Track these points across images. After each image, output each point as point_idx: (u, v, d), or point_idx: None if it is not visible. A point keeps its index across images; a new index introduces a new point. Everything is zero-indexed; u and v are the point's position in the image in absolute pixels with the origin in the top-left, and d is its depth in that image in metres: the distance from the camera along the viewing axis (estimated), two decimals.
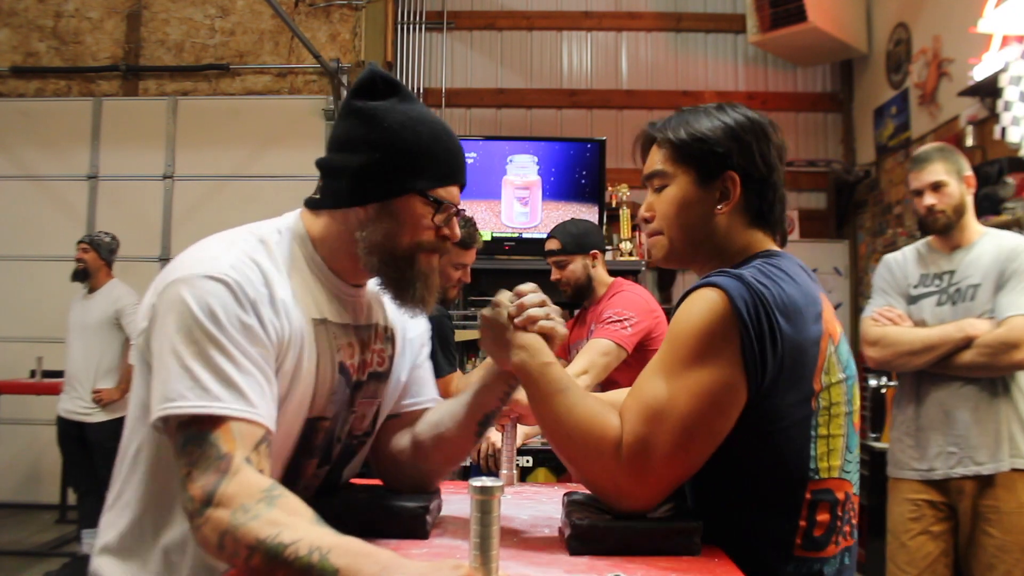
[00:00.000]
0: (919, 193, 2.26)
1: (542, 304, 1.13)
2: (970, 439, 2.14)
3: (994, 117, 3.45)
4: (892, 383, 3.54)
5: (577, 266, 2.64)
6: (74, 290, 5.24)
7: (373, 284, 1.20)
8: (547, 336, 1.12)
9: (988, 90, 3.51)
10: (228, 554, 0.87)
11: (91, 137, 5.35)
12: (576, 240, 2.66)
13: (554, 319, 1.12)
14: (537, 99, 5.52)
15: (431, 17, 5.55)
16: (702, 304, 1.02)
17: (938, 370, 2.17)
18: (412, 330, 1.31)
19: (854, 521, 1.10)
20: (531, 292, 1.14)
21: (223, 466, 0.90)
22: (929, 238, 2.36)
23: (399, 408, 1.29)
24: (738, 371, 0.99)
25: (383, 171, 1.07)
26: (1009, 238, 2.23)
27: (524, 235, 4.86)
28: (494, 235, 4.84)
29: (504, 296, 1.15)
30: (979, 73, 3.49)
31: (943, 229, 2.25)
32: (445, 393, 2.38)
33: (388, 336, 1.24)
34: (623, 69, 5.56)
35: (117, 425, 3.82)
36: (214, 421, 0.92)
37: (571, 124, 5.48)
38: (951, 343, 2.13)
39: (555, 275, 2.67)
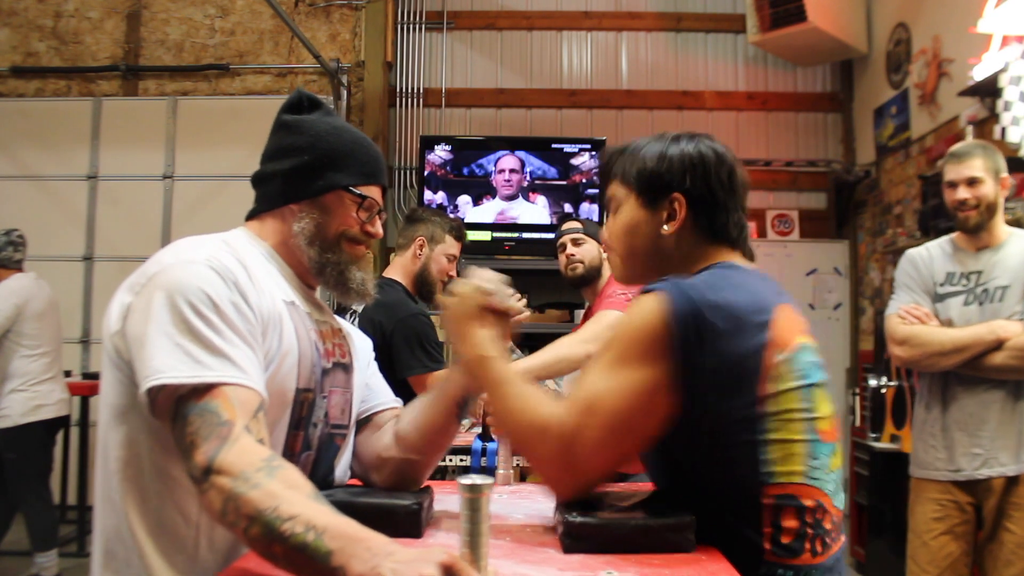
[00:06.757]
0: (953, 185, 2.24)
1: (505, 283, 1.20)
2: (995, 441, 2.14)
3: (994, 117, 3.45)
4: (892, 383, 3.54)
5: (594, 248, 2.73)
6: (74, 290, 5.26)
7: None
8: (506, 314, 1.18)
9: (988, 90, 3.50)
10: (230, 522, 0.88)
11: (91, 137, 5.35)
12: (594, 229, 2.81)
13: (513, 297, 1.20)
14: (537, 99, 5.52)
15: (431, 17, 5.55)
16: (643, 308, 1.06)
17: (966, 371, 2.16)
18: (358, 342, 1.36)
19: (830, 536, 1.07)
20: (492, 277, 1.21)
21: (224, 432, 0.92)
22: (954, 235, 2.34)
23: (363, 413, 1.34)
24: (667, 376, 1.02)
25: (311, 170, 1.19)
26: None
27: (524, 235, 4.86)
28: (494, 235, 4.85)
29: (464, 287, 1.20)
30: (979, 73, 3.49)
31: (974, 228, 2.23)
32: (425, 392, 2.41)
33: (343, 335, 1.30)
34: (623, 69, 5.56)
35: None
36: (211, 390, 0.94)
37: (571, 124, 5.48)
38: (982, 345, 2.11)
39: (570, 250, 2.74)
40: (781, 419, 1.04)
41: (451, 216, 2.77)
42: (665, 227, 1.18)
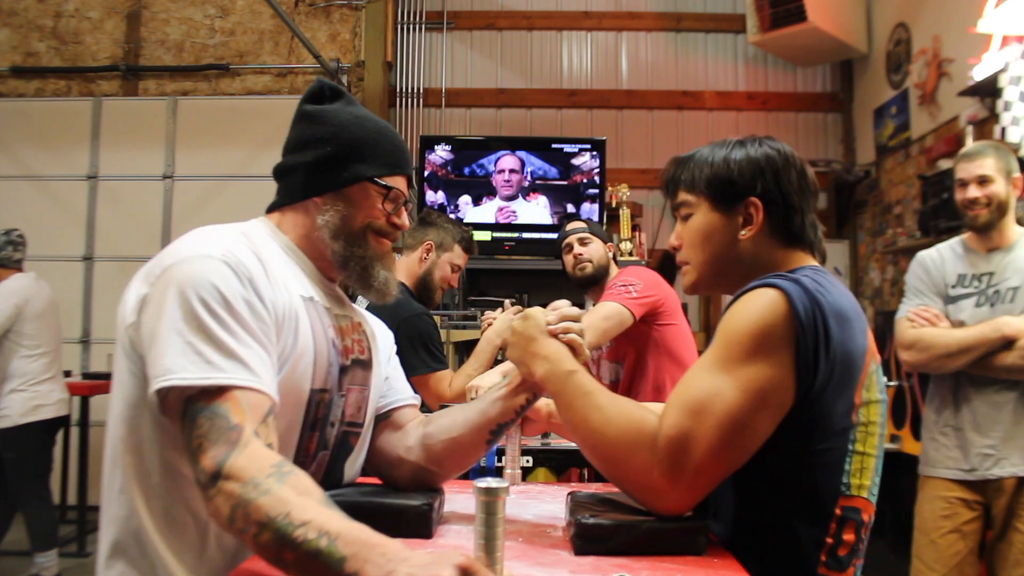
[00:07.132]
0: (964, 184, 2.23)
1: (577, 319, 1.16)
2: (1007, 441, 2.13)
3: (994, 117, 3.45)
4: (892, 383, 3.54)
5: (600, 247, 2.81)
6: (74, 290, 5.24)
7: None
8: (573, 349, 1.13)
9: (988, 90, 3.51)
10: (238, 529, 0.87)
11: (91, 137, 5.34)
12: (599, 229, 2.90)
13: (584, 335, 1.15)
14: (537, 99, 5.52)
15: (431, 17, 5.55)
16: (760, 302, 1.02)
17: (977, 371, 2.16)
18: (380, 336, 1.34)
19: (863, 552, 1.09)
20: (566, 306, 1.17)
21: (233, 437, 0.90)
22: (965, 236, 2.33)
23: (381, 409, 1.31)
24: (790, 373, 0.99)
25: (334, 162, 1.17)
26: None
27: (524, 235, 4.86)
28: (494, 235, 4.84)
29: (536, 311, 1.17)
30: (979, 73, 3.49)
31: (984, 227, 2.22)
32: (428, 391, 2.42)
33: (363, 330, 1.27)
34: (623, 69, 5.56)
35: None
36: (221, 392, 0.93)
37: (571, 124, 5.48)
38: (988, 344, 2.11)
39: (578, 249, 2.79)
40: (864, 431, 1.04)
41: (463, 226, 2.77)
42: (743, 232, 1.16)
